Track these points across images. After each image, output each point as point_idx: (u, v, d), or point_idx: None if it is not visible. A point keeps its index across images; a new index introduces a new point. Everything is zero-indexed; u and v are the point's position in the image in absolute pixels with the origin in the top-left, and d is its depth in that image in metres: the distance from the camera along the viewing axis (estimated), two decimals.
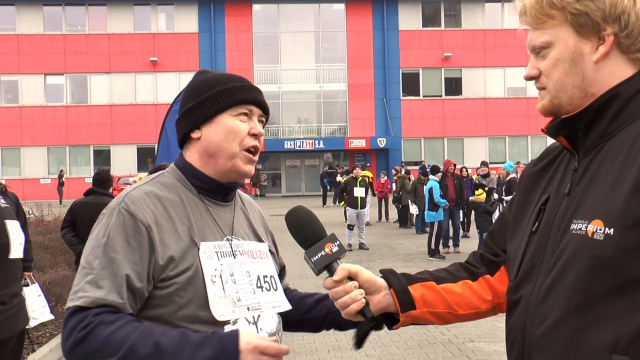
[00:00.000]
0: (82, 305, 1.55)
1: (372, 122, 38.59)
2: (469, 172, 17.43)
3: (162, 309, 1.62)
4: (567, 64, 1.47)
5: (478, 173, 16.60)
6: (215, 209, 1.79)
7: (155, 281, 1.62)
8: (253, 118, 1.81)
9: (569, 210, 1.46)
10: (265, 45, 38.97)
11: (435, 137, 38.80)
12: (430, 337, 7.21)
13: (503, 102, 38.86)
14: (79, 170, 37.38)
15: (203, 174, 1.78)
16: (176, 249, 1.64)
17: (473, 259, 1.78)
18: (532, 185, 1.65)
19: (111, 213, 1.67)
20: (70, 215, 7.29)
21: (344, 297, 1.61)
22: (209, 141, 1.76)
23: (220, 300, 1.65)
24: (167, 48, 37.60)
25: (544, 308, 1.43)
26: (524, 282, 1.52)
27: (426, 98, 38.98)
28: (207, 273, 1.65)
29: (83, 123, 37.14)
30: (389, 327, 1.73)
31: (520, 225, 1.63)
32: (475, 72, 38.97)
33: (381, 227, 20.08)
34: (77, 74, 37.42)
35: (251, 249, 1.82)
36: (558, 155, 1.64)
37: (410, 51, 38.60)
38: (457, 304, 1.70)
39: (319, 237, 1.65)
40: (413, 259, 13.15)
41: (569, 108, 1.49)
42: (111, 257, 1.59)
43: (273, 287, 1.81)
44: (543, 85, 1.53)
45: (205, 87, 1.80)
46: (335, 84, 39.04)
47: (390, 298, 1.67)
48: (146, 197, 1.69)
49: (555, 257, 1.44)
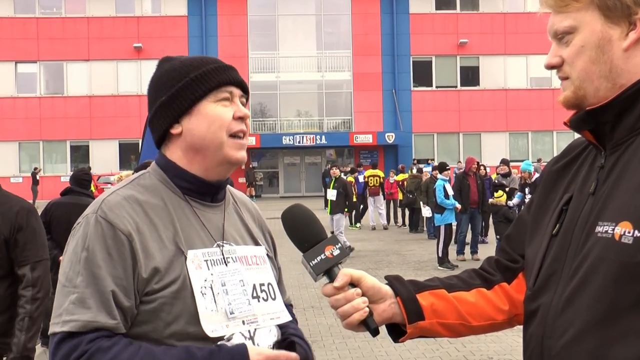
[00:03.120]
0: (72, 331, 1.54)
1: (379, 115, 38.56)
2: (488, 171, 17.41)
3: (147, 326, 1.61)
4: (593, 51, 1.47)
5: (498, 172, 16.52)
6: (203, 211, 1.78)
7: (140, 295, 1.61)
8: (235, 100, 1.80)
9: (593, 211, 1.46)
10: (262, 30, 38.93)
11: (450, 133, 38.76)
12: (444, 353, 7.20)
13: (525, 93, 38.80)
14: (54, 168, 37.37)
15: (188, 172, 1.77)
16: (161, 259, 1.63)
17: (488, 265, 1.79)
18: (553, 185, 1.66)
19: (87, 222, 1.65)
20: (45, 216, 7.27)
21: (345, 306, 1.61)
22: (193, 134, 1.75)
23: (212, 314, 1.64)
24: (152, 33, 37.56)
25: (565, 319, 1.43)
26: (543, 290, 1.52)
27: (440, 89, 38.93)
28: (196, 284, 1.64)
29: (59, 116, 37.12)
30: (394, 339, 1.73)
31: (540, 227, 1.63)
32: (494, 60, 38.90)
33: (389, 231, 20.06)
34: (52, 61, 37.37)
35: (245, 255, 1.81)
36: (582, 152, 1.64)
37: (422, 37, 38.55)
38: (470, 314, 1.70)
39: (318, 239, 1.65)
40: (424, 267, 13.15)
41: (595, 100, 1.49)
42: (94, 272, 1.58)
43: (271, 296, 1.80)
44: (566, 75, 1.53)
45: (176, 75, 1.77)
46: (338, 73, 38.99)
47: (396, 307, 1.67)
48: (125, 203, 1.68)
49: (577, 262, 1.44)
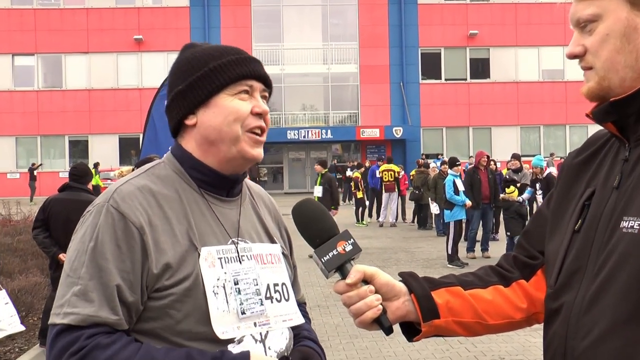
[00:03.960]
0: (71, 324, 1.53)
1: (387, 109, 38.57)
2: (498, 166, 17.40)
3: (155, 323, 1.61)
4: (618, 40, 1.46)
5: (508, 167, 16.54)
6: (218, 205, 1.77)
7: (149, 291, 1.60)
8: (255, 94, 1.77)
9: (618, 205, 1.46)
10: (266, 21, 38.97)
11: (459, 127, 38.77)
12: (454, 353, 7.20)
13: (537, 86, 38.77)
14: (53, 164, 37.50)
15: (203, 164, 1.75)
16: (173, 254, 1.62)
17: (505, 261, 1.78)
18: (575, 179, 1.65)
19: (98, 212, 1.63)
20: (43, 213, 7.31)
21: (358, 304, 1.60)
22: (207, 127, 1.73)
23: (223, 314, 1.63)
24: (153, 24, 37.64)
25: (590, 318, 1.43)
26: (566, 288, 1.52)
27: (449, 82, 38.92)
28: (209, 283, 1.63)
29: (57, 110, 37.24)
30: (408, 338, 1.72)
31: (561, 223, 1.62)
32: (505, 52, 38.88)
33: (397, 228, 20.11)
34: (50, 54, 37.50)
35: (261, 253, 1.79)
36: (605, 144, 1.63)
37: (431, 28, 38.53)
38: (487, 312, 1.69)
39: (330, 234, 1.63)
40: (434, 264, 13.18)
41: (620, 91, 1.47)
42: (100, 264, 1.57)
43: (284, 297, 1.79)
44: (589, 65, 1.51)
45: (195, 64, 1.76)
46: (345, 65, 39.02)
47: (410, 305, 1.66)
48: (138, 193, 1.66)
49: (602, 259, 1.44)
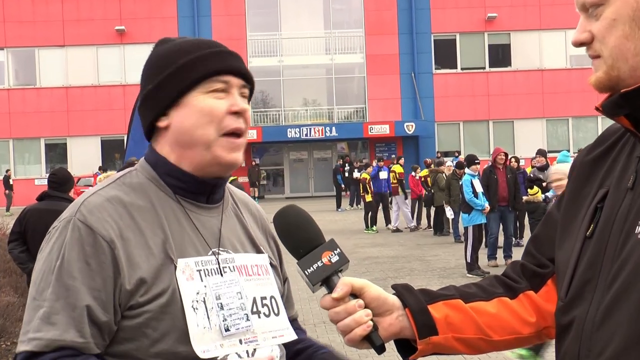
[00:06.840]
0: (34, 351, 1.54)
1: (397, 102, 38.53)
2: (521, 164, 17.37)
3: (130, 344, 1.61)
4: (627, 25, 1.46)
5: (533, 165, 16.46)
6: (197, 213, 1.78)
7: (123, 309, 1.61)
8: (232, 92, 1.76)
9: (633, 208, 1.46)
10: (262, 8, 38.97)
11: (478, 121, 38.69)
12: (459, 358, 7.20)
13: (564, 74, 38.66)
14: (27, 170, 37.55)
15: (180, 169, 1.76)
16: (147, 268, 1.63)
17: (512, 270, 1.77)
18: (586, 178, 1.65)
19: (65, 227, 1.64)
20: (20, 225, 7.33)
21: (345, 320, 1.59)
22: (179, 129, 1.74)
23: (204, 332, 1.64)
24: (136, 13, 37.65)
25: (603, 333, 1.43)
26: (577, 301, 1.52)
27: (465, 71, 38.88)
28: (187, 298, 1.64)
29: (31, 110, 37.25)
30: (403, 357, 1.72)
31: (572, 228, 1.62)
32: (528, 36, 38.81)
33: (411, 234, 20.08)
34: (22, 48, 37.51)
35: (245, 264, 1.80)
36: (618, 140, 1.64)
37: (445, 12, 38.48)
38: (491, 327, 1.69)
39: (315, 244, 1.64)
40: (452, 274, 13.12)
41: (631, 81, 1.48)
42: (67, 284, 1.58)
43: (274, 311, 1.79)
44: (597, 53, 1.52)
45: (165, 61, 1.76)
46: (349, 55, 39.01)
47: (405, 320, 1.66)
48: (108, 205, 1.67)
49: (616, 268, 1.44)
